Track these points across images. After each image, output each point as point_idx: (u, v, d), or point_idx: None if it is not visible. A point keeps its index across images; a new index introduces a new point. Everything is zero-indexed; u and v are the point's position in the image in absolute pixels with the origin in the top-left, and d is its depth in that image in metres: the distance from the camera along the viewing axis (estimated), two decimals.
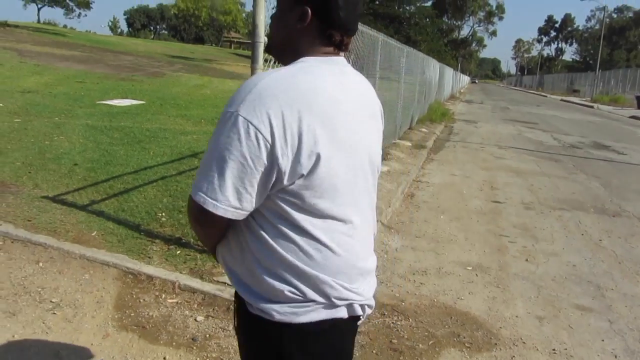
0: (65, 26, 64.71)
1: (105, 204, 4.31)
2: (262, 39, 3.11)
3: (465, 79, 63.78)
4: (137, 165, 5.40)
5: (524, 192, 7.25)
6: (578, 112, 27.53)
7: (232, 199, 1.16)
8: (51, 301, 2.96)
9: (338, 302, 1.28)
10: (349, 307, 1.31)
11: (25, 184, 4.55)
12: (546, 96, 49.40)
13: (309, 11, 1.25)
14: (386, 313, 3.36)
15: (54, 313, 2.86)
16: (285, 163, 1.14)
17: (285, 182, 1.16)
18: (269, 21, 1.45)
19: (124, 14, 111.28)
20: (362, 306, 1.35)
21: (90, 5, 43.16)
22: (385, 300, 3.55)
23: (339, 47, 1.31)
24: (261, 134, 1.12)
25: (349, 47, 1.37)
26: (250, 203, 1.18)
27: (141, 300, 3.08)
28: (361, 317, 1.38)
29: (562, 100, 41.98)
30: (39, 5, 66.28)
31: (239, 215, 1.19)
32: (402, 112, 10.72)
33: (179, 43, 63.21)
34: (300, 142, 1.14)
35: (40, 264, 3.34)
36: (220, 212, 1.16)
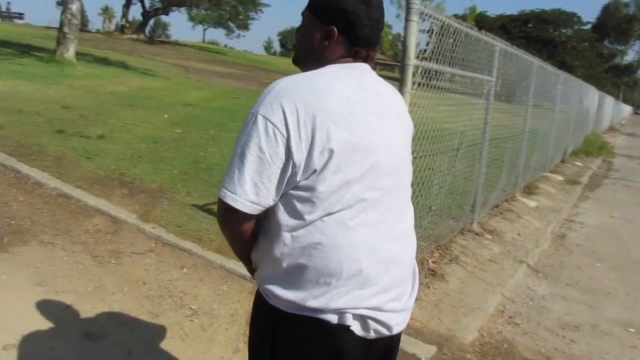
0: (225, 45, 70.52)
1: None
2: (412, 62, 3.00)
3: (627, 109, 57.97)
4: None
5: None
6: None
7: (251, 193, 1.22)
8: (190, 308, 3.08)
9: (321, 305, 1.28)
10: (340, 315, 1.29)
11: (179, 191, 4.87)
12: None
13: (336, 31, 1.33)
14: None
15: (192, 320, 2.96)
16: (299, 158, 1.21)
17: (299, 177, 1.22)
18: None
19: (278, 35, 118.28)
20: (362, 318, 1.31)
21: (249, 27, 46.51)
22: (529, 355, 3.20)
23: (365, 61, 1.39)
24: (278, 129, 1.20)
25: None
26: (266, 198, 1.24)
27: None
28: (357, 330, 1.32)
29: None
30: (205, 27, 73.10)
31: (255, 210, 1.25)
32: (555, 143, 9.93)
33: None
34: (314, 138, 1.20)
35: (185, 270, 3.51)
36: (238, 206, 1.23)
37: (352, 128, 1.25)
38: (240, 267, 3.53)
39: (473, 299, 3.86)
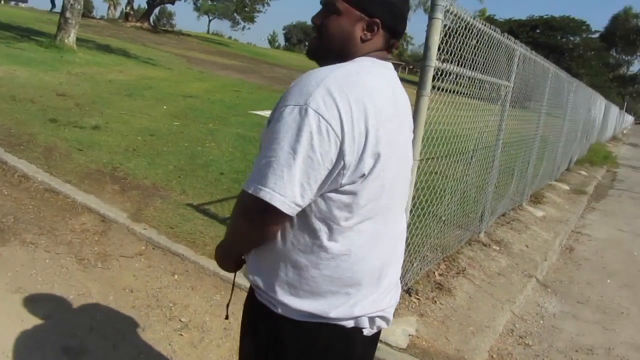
0: (230, 37, 70.07)
1: None
2: (434, 63, 2.75)
3: (630, 119, 57.79)
4: None
5: None
6: None
7: (297, 195, 1.11)
8: (180, 320, 2.84)
9: (343, 315, 1.24)
10: (356, 319, 1.27)
11: (173, 189, 4.63)
12: None
13: (380, 23, 1.26)
14: None
15: (181, 334, 2.72)
16: (350, 160, 1.12)
17: (345, 180, 1.13)
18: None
19: (283, 29, 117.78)
20: (371, 318, 1.30)
21: (254, 20, 46.19)
22: None
23: (391, 51, 1.33)
24: (332, 129, 1.09)
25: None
26: (308, 200, 1.14)
27: None
28: (366, 330, 1.30)
29: None
30: (210, 18, 72.74)
31: (295, 212, 1.14)
32: (562, 151, 9.70)
33: None
34: (366, 141, 1.12)
35: (176, 277, 3.27)
36: (285, 208, 1.11)
37: (393, 131, 1.21)
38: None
39: (482, 316, 3.64)
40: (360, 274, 1.24)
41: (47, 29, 16.25)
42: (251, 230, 1.23)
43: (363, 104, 1.13)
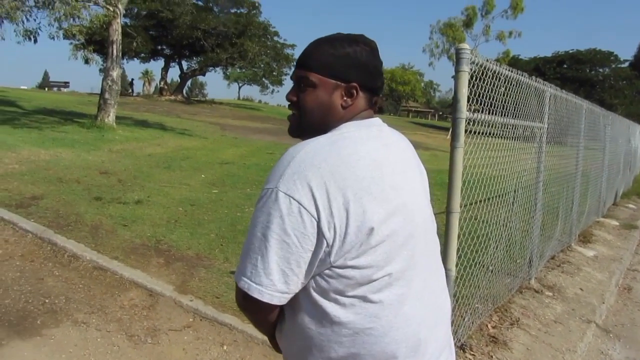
0: (260, 101, 72.26)
1: None
2: (465, 115, 2.76)
3: None
4: None
5: None
6: None
7: (279, 283, 1.08)
8: None
9: None
10: None
11: (216, 257, 4.67)
12: None
13: (358, 86, 1.22)
14: None
15: None
16: (333, 237, 1.06)
17: (333, 258, 1.07)
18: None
19: None
20: None
21: (282, 82, 47.65)
22: None
23: (375, 108, 1.29)
24: (305, 208, 1.05)
25: None
26: (297, 285, 1.10)
27: None
28: None
29: None
30: (240, 84, 75.47)
31: (285, 299, 1.11)
32: (606, 186, 9.42)
33: None
34: (348, 213, 1.06)
35: (225, 347, 3.25)
36: (266, 299, 1.09)
37: (386, 193, 1.12)
38: None
39: None
40: (393, 345, 1.14)
41: (88, 110, 17.10)
42: (247, 315, 1.23)
43: (340, 175, 1.08)
